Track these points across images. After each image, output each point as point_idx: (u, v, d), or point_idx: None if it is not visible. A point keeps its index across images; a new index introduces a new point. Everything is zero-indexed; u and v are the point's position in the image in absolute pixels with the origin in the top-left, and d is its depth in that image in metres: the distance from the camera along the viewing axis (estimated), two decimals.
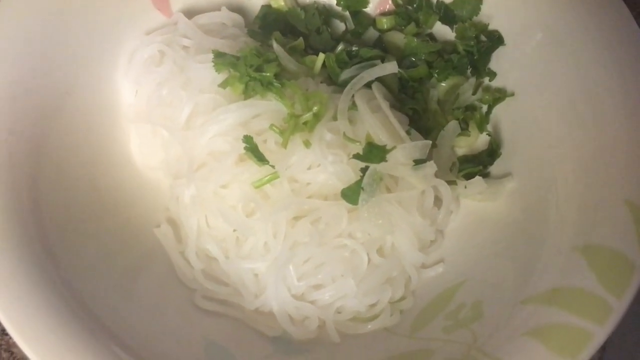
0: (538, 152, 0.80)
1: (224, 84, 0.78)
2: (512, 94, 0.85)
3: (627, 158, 0.68)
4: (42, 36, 0.76)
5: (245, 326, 0.76)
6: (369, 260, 0.76)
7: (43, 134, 0.74)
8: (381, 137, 0.77)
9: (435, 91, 0.87)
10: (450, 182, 0.81)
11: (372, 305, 0.77)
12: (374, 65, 0.80)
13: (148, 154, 0.82)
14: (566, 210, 0.72)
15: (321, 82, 0.82)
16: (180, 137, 0.78)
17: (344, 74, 0.82)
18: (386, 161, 0.74)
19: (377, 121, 0.77)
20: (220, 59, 0.78)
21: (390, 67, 0.80)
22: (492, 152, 0.85)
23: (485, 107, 0.87)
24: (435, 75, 0.86)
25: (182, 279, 0.78)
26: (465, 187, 0.82)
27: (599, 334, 0.60)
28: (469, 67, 0.87)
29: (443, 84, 0.87)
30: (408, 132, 0.78)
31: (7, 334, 0.78)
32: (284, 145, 0.75)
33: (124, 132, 0.83)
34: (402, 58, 0.89)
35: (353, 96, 0.78)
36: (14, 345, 0.78)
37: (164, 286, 0.77)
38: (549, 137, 0.79)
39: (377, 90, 0.79)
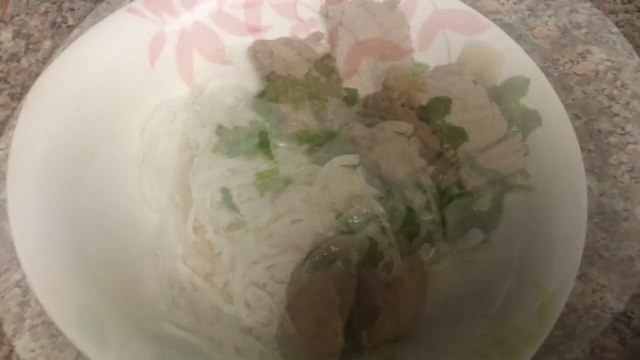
0: None
1: (214, 149, 0.94)
2: None
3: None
4: (89, 92, 0.91)
5: (198, 350, 0.84)
6: None
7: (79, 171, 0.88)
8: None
9: None
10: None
11: None
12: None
13: (149, 192, 0.95)
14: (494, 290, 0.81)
15: (303, 152, 0.95)
16: (176, 181, 0.93)
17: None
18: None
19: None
20: (221, 130, 0.95)
21: (352, 159, 0.91)
22: None
23: None
24: None
25: (155, 302, 0.88)
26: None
27: None
28: None
29: None
30: None
31: None
32: (260, 194, 0.88)
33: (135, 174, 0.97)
34: None
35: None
36: None
37: (145, 306, 0.87)
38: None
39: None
